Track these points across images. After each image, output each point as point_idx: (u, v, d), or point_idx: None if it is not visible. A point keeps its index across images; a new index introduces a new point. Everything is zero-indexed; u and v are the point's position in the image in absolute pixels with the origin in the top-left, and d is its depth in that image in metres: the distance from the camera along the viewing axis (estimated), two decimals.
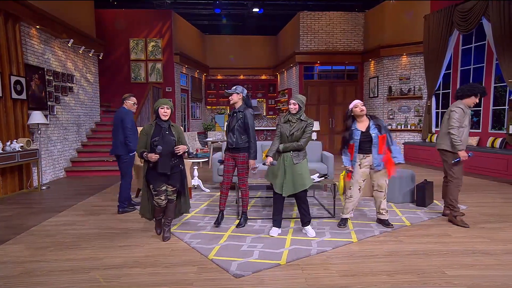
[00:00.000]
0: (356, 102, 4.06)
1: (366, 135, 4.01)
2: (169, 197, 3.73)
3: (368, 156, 4.07)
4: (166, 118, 3.65)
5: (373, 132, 3.99)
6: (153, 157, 3.49)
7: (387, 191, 4.23)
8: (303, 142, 3.79)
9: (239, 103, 4.09)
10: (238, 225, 4.20)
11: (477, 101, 4.25)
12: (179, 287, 2.78)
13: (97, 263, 3.22)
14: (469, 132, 4.30)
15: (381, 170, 4.07)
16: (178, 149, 3.60)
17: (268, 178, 4.01)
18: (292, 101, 3.81)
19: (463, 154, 4.15)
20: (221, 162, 4.46)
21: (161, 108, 3.62)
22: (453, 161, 4.22)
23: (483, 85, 8.33)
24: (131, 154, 4.75)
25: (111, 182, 7.23)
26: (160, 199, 3.67)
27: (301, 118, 3.81)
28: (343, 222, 4.23)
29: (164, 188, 3.68)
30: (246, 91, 4.15)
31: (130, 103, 4.85)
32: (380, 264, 3.16)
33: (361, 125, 4.05)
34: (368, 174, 4.15)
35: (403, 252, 3.42)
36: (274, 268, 3.08)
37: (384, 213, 4.18)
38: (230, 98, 4.09)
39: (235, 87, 4.09)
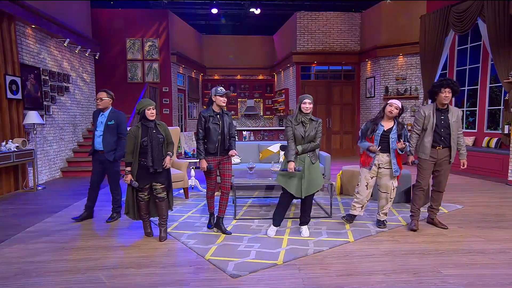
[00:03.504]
0: (392, 101, 3.99)
1: (386, 135, 3.97)
2: (159, 195, 3.76)
3: (383, 155, 4.02)
4: (153, 118, 3.72)
5: (392, 137, 3.95)
6: (127, 178, 3.65)
7: (393, 195, 4.08)
8: (319, 140, 3.82)
9: None
10: (207, 226, 4.18)
11: (448, 94, 3.84)
12: (176, 287, 2.77)
13: (93, 263, 3.21)
14: (431, 137, 3.93)
15: (389, 172, 4.01)
16: (165, 164, 3.74)
17: (279, 181, 3.81)
18: (308, 100, 3.73)
19: (408, 159, 4.10)
20: (210, 168, 3.93)
21: (147, 110, 3.67)
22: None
23: (479, 85, 8.38)
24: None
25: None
26: (144, 194, 3.78)
27: (312, 118, 3.80)
28: (346, 217, 4.26)
29: (148, 185, 3.77)
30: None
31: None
32: (377, 263, 3.17)
33: (386, 124, 4.02)
34: (376, 172, 4.10)
35: (399, 252, 3.43)
36: (271, 268, 3.09)
37: (381, 215, 4.17)
38: (225, 100, 3.86)
39: (223, 89, 3.89)
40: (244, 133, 10.66)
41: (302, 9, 11.40)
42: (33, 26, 6.91)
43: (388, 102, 4.02)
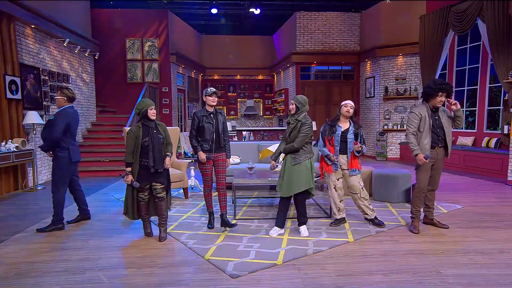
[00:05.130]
0: (346, 102, 4.16)
1: (344, 135, 4.10)
2: (158, 195, 3.77)
3: (343, 156, 4.14)
4: (155, 118, 3.76)
5: (350, 137, 4.08)
6: (128, 179, 3.66)
7: (363, 192, 4.16)
8: (296, 142, 3.76)
9: None
10: (207, 225, 4.21)
11: (443, 98, 3.82)
12: (175, 287, 2.77)
13: (92, 264, 3.21)
14: (429, 138, 3.86)
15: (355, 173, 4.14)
16: (166, 165, 3.77)
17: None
18: (291, 101, 3.90)
19: (419, 158, 3.82)
20: (209, 158, 4.07)
21: (150, 110, 3.70)
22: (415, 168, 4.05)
23: (478, 85, 8.39)
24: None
25: (107, 182, 7.21)
26: (144, 194, 3.80)
27: (298, 118, 3.82)
28: (335, 222, 4.27)
29: (148, 186, 3.79)
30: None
31: None
32: (376, 263, 3.17)
33: (343, 125, 4.15)
34: (342, 174, 4.21)
35: (399, 252, 3.43)
36: (271, 268, 3.09)
37: (368, 213, 4.20)
38: (214, 99, 3.98)
39: (212, 89, 3.99)
40: (244, 133, 10.64)
41: (301, 9, 11.41)
42: (33, 26, 6.90)
43: (342, 103, 4.17)
